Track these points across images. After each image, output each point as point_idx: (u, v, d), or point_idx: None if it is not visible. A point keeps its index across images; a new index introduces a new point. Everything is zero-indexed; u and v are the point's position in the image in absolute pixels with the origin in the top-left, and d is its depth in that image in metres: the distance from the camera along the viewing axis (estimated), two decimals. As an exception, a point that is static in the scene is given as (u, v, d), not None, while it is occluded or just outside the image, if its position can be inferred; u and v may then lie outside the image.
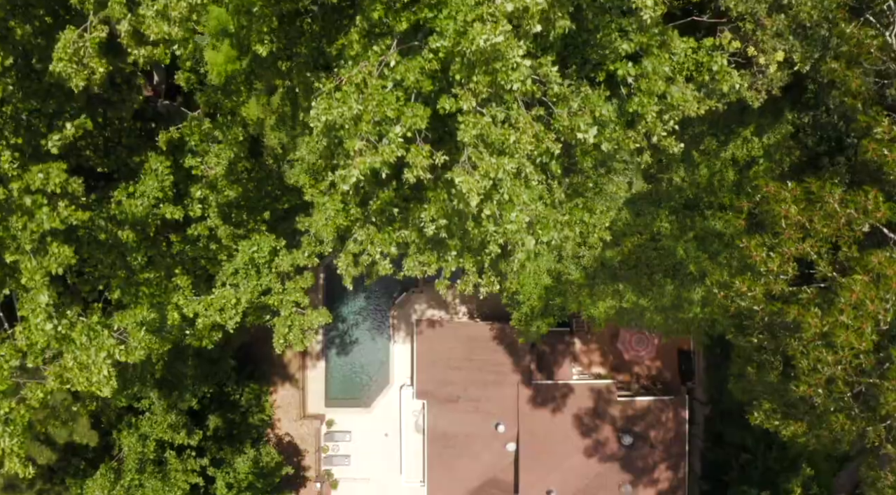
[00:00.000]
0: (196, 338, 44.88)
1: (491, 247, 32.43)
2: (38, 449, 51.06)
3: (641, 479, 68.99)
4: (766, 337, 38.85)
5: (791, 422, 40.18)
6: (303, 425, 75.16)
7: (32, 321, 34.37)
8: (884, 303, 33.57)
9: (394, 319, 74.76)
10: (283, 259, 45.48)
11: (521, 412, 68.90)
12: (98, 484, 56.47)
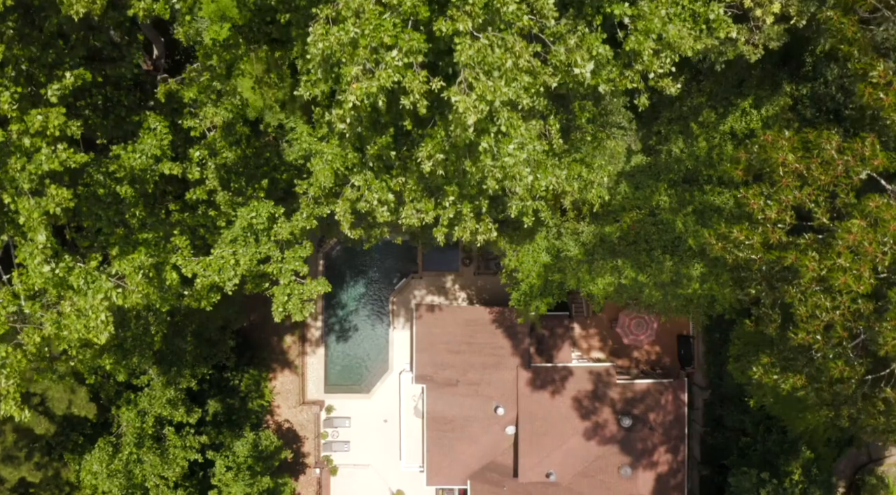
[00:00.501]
0: (195, 298, 44.83)
1: (489, 183, 32.42)
2: (36, 420, 50.99)
3: (641, 461, 68.82)
4: (763, 288, 38.80)
5: (790, 375, 40.06)
6: (302, 411, 75.10)
7: (30, 263, 34.34)
8: (881, 246, 33.58)
9: (393, 305, 74.76)
10: (282, 227, 45.37)
11: (521, 395, 68.78)
12: (96, 458, 56.39)
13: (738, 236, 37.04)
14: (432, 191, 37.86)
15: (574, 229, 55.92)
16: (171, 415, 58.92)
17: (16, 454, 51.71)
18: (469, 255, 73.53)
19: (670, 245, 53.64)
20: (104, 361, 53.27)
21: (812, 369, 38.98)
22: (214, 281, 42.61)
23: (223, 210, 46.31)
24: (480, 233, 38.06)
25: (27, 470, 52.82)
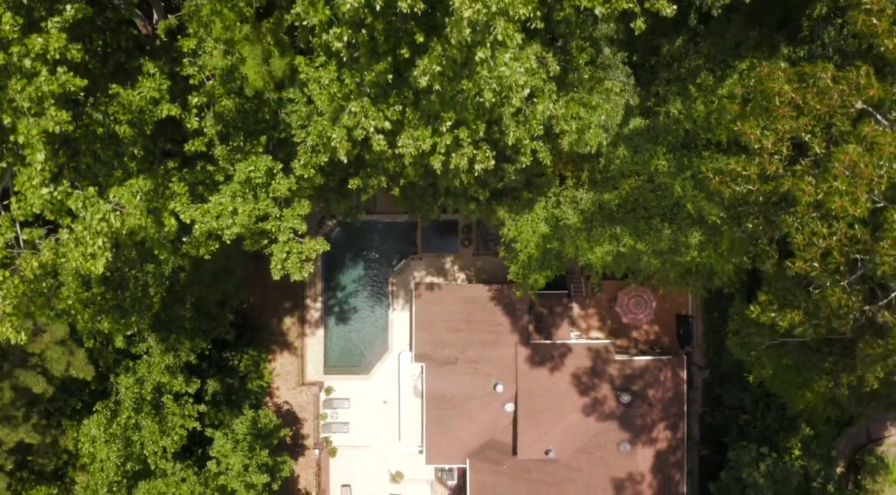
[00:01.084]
0: (193, 246, 44.82)
1: (485, 96, 32.55)
2: (34, 379, 50.92)
3: (640, 438, 68.79)
4: (760, 221, 38.84)
5: (788, 311, 40.05)
6: (301, 392, 75.09)
7: (28, 186, 34.44)
8: (878, 169, 33.68)
9: (393, 287, 74.89)
10: (280, 182, 45.42)
11: (520, 372, 68.82)
12: (94, 422, 56.39)
13: (736, 168, 37.19)
14: (429, 118, 37.96)
15: (573, 197, 56.08)
16: (170, 384, 58.92)
17: (13, 414, 51.58)
18: (469, 236, 73.70)
19: (669, 212, 53.71)
20: (103, 324, 53.39)
21: (810, 304, 38.96)
22: (213, 227, 42.66)
23: (221, 165, 46.39)
24: (478, 161, 38.07)
25: (25, 432, 52.71)
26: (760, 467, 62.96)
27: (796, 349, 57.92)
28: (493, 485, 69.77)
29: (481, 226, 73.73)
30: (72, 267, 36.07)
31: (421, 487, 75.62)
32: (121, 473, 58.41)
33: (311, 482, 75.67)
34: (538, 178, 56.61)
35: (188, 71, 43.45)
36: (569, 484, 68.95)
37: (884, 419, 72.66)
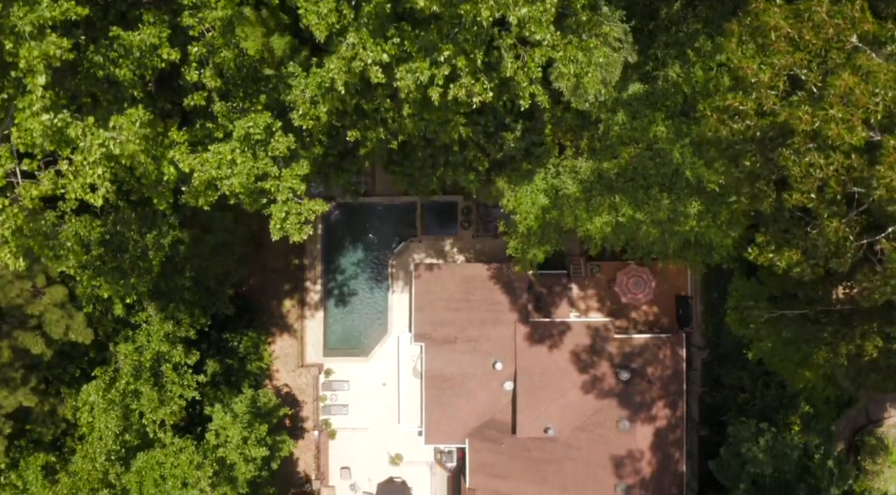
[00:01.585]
0: (192, 195, 44.90)
1: (482, 14, 32.75)
2: (33, 340, 50.92)
3: (639, 415, 68.78)
4: (757, 158, 39.02)
5: (786, 251, 40.20)
6: (301, 375, 75.08)
7: (28, 113, 34.57)
8: (873, 97, 33.89)
9: (392, 269, 75.01)
10: (280, 141, 45.54)
11: (519, 350, 68.88)
12: (93, 387, 56.37)
13: (733, 103, 37.42)
14: (428, 51, 38.16)
15: (572, 167, 56.22)
16: (170, 354, 58.91)
17: (12, 375, 51.53)
18: (468, 218, 73.87)
19: (668, 181, 53.80)
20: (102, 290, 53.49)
21: (808, 243, 39.10)
22: (212, 176, 42.77)
23: (221, 122, 46.62)
24: (476, 92, 38.26)
25: (23, 395, 52.61)
26: (760, 442, 62.86)
27: (795, 321, 58.11)
28: (492, 465, 69.69)
29: (481, 207, 73.96)
30: (72, 198, 36.14)
31: (420, 469, 75.54)
32: (119, 442, 58.38)
33: (311, 464, 75.57)
34: (537, 148, 56.83)
35: (188, 22, 43.66)
36: (568, 462, 68.88)
37: (883, 400, 72.64)
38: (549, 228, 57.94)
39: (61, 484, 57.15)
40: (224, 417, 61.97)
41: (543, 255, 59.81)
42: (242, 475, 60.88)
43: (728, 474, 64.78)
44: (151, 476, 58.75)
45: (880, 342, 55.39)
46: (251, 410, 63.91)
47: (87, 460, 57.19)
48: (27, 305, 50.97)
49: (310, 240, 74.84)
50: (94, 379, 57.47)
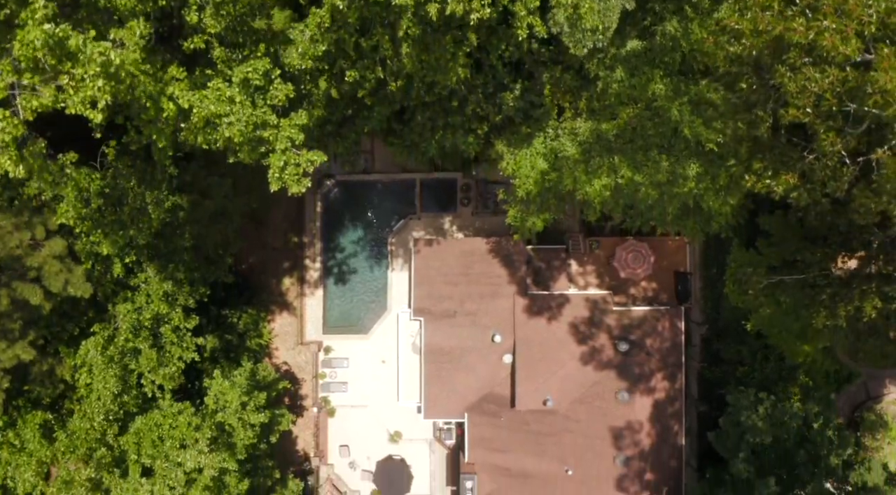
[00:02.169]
0: (191, 132, 45.05)
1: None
2: (31, 290, 51.01)
3: (638, 387, 68.82)
4: (753, 80, 39.30)
5: (783, 175, 40.37)
6: (300, 353, 75.21)
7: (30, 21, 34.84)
8: (867, 9, 34.20)
9: (392, 247, 75.21)
10: (279, 88, 45.85)
11: (517, 322, 68.99)
12: (92, 343, 56.42)
13: (730, 23, 37.75)
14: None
15: (571, 128, 56.42)
16: (169, 316, 58.96)
17: (10, 327, 51.56)
18: (468, 195, 74.09)
19: (667, 142, 53.97)
20: (102, 247, 53.74)
21: (804, 166, 39.30)
22: (211, 112, 43.03)
23: (220, 68, 46.94)
24: (474, 9, 38.55)
25: (22, 349, 52.63)
26: (759, 410, 62.87)
27: (793, 287, 58.30)
28: (490, 438, 69.71)
29: (480, 184, 74.22)
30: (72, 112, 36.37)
31: (419, 447, 75.49)
32: (118, 403, 58.42)
33: (310, 442, 75.57)
34: (536, 110, 57.11)
35: None
36: (567, 435, 68.89)
37: (882, 376, 72.72)
38: (548, 194, 58.04)
39: (59, 443, 57.08)
40: (223, 382, 62.01)
41: (542, 224, 59.94)
42: (241, 441, 60.79)
43: (727, 444, 64.70)
44: (149, 437, 58.75)
45: (879, 303, 55.51)
46: (250, 382, 63.91)
47: (85, 420, 57.14)
48: (26, 257, 51.11)
49: (309, 218, 75.21)
50: (92, 332, 57.37)
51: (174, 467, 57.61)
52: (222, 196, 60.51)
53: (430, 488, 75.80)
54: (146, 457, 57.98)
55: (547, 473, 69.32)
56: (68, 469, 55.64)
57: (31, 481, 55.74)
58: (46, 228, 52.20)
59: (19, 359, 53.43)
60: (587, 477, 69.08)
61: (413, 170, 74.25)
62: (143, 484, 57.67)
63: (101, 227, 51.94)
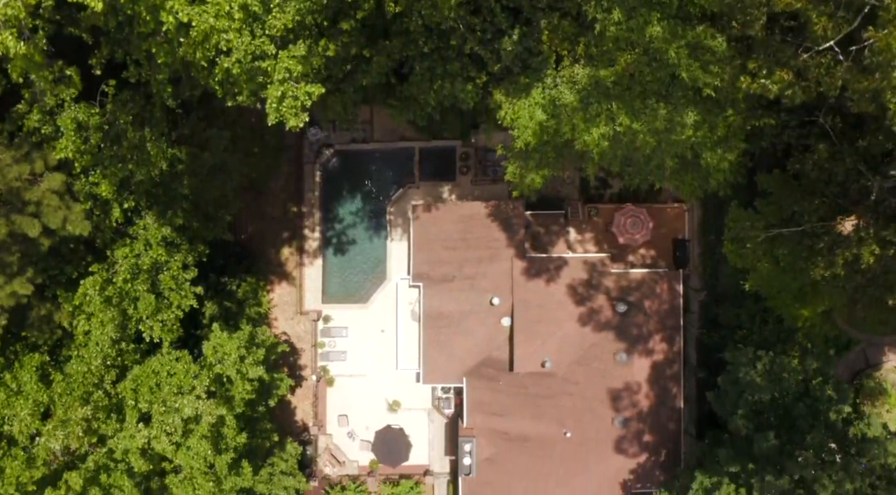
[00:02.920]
0: (191, 47, 45.15)
1: None
2: (29, 223, 50.99)
3: (637, 347, 68.81)
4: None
5: (778, 71, 40.54)
6: (300, 323, 75.30)
7: None
8: None
9: (391, 216, 75.41)
10: (277, 17, 46.07)
11: (516, 284, 69.10)
12: (91, 282, 56.33)
13: None
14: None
15: (570, 76, 56.59)
16: (168, 263, 59.00)
17: (8, 260, 51.53)
18: (467, 164, 74.33)
19: (664, 89, 54.13)
20: (101, 188, 53.93)
21: (799, 62, 39.49)
22: (210, 25, 43.25)
23: None
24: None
25: (20, 284, 52.56)
26: (757, 367, 62.74)
27: (791, 239, 58.49)
28: (489, 402, 69.66)
29: (480, 152, 74.46)
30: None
31: (418, 416, 75.45)
32: (116, 350, 58.40)
33: (309, 413, 75.53)
34: (534, 58, 57.34)
35: None
36: (565, 397, 68.83)
37: (881, 344, 72.68)
38: (546, 147, 58.19)
39: (56, 385, 56.95)
40: (221, 334, 61.98)
41: (541, 180, 59.94)
42: (239, 394, 60.72)
43: (725, 403, 64.56)
44: (147, 384, 58.70)
45: (877, 249, 55.65)
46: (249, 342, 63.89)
47: (83, 363, 57.04)
48: (25, 191, 51.24)
49: (308, 187, 75.47)
50: (91, 272, 57.23)
51: (171, 413, 57.53)
52: (221, 149, 60.68)
53: (429, 457, 75.70)
54: (143, 403, 57.88)
55: (545, 436, 69.21)
56: (65, 410, 55.49)
57: (27, 421, 55.52)
58: (46, 164, 52.35)
59: (17, 296, 53.37)
60: (586, 439, 68.96)
61: (412, 138, 74.61)
62: (141, 429, 57.58)
63: (100, 162, 52.17)
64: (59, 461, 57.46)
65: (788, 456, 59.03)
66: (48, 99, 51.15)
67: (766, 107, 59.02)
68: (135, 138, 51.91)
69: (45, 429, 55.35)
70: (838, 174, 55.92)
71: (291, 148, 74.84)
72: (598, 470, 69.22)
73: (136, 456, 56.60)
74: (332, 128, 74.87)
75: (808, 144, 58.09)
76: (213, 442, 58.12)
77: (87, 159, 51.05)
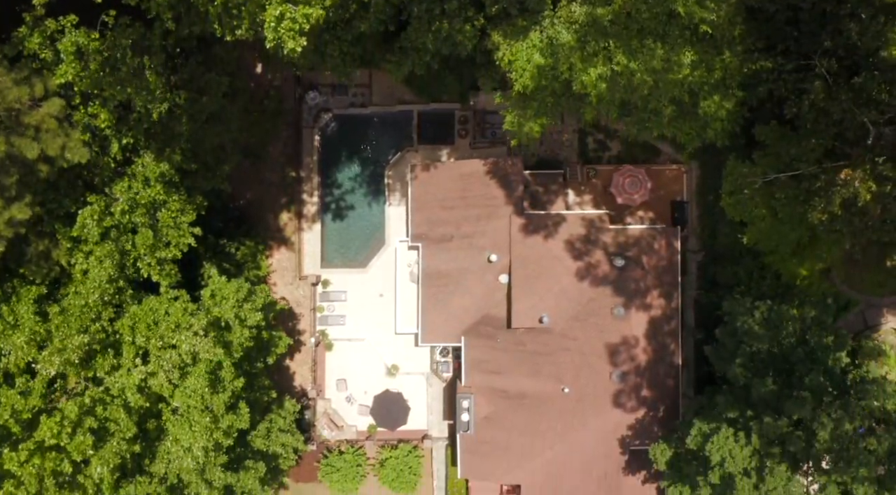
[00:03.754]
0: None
1: None
2: (28, 144, 50.80)
3: (634, 302, 68.75)
4: None
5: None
6: (299, 288, 75.33)
7: None
8: None
9: (389, 179, 75.67)
10: None
11: (514, 240, 69.20)
12: (89, 212, 56.10)
13: None
14: None
15: (567, 16, 56.74)
16: (166, 201, 59.00)
17: (6, 182, 51.40)
18: (465, 127, 74.58)
19: (661, 28, 54.21)
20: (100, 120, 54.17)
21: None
22: None
23: None
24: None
25: (18, 209, 52.42)
26: (755, 315, 62.63)
27: (789, 184, 58.71)
28: (487, 361, 69.57)
29: (478, 115, 74.74)
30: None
31: (417, 380, 75.40)
32: (114, 288, 58.36)
33: (307, 378, 75.39)
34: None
35: None
36: (563, 353, 68.69)
37: (880, 305, 72.64)
38: (544, 93, 58.33)
39: (53, 317, 56.73)
40: (220, 279, 61.98)
41: (539, 129, 60.01)
42: (237, 339, 60.56)
43: (723, 355, 64.41)
44: (144, 321, 58.61)
45: (874, 185, 55.90)
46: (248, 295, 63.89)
47: (80, 298, 56.90)
48: (24, 115, 51.34)
49: (306, 152, 75.76)
50: (89, 203, 56.93)
51: (169, 349, 57.45)
52: (220, 95, 60.93)
53: (428, 422, 75.54)
54: (140, 338, 57.75)
55: (543, 392, 69.00)
56: (62, 340, 55.22)
57: (23, 350, 55.13)
58: (46, 89, 52.48)
59: (15, 225, 53.28)
60: (584, 394, 68.74)
61: (411, 102, 74.92)
62: (138, 364, 57.49)
63: (99, 86, 52.43)
64: (56, 395, 57.12)
65: (787, 398, 58.82)
66: (49, 22, 51.51)
67: (762, 50, 59.46)
68: (134, 64, 52.21)
69: (41, 357, 55.04)
70: (834, 113, 56.14)
71: (290, 112, 75.17)
72: (596, 426, 68.94)
73: (132, 392, 56.44)
74: (331, 93, 75.28)
75: (805, 88, 58.24)
76: (210, 383, 57.93)
77: (87, 83, 51.33)
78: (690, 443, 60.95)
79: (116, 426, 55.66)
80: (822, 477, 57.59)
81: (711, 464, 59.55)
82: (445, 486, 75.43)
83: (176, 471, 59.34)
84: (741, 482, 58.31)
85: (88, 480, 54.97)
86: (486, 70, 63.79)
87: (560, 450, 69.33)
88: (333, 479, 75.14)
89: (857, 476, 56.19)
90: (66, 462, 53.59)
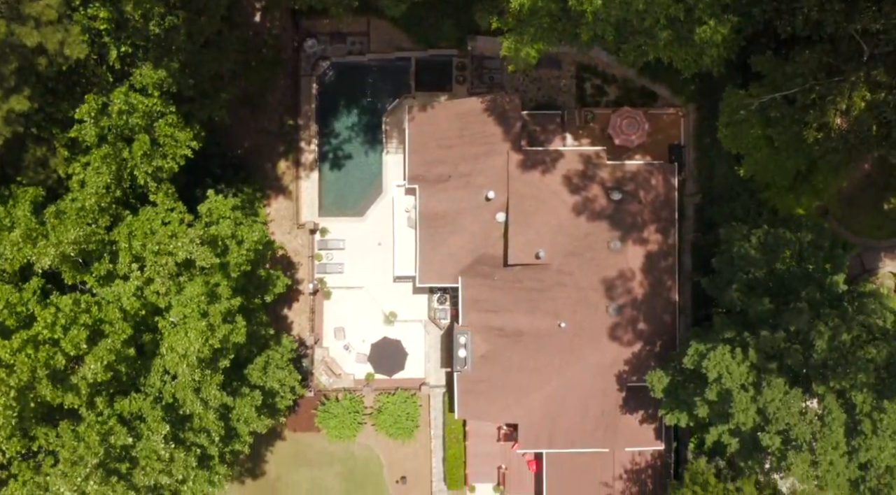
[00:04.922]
0: None
1: None
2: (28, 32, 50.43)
3: (631, 235, 68.53)
4: None
5: None
6: (297, 237, 75.25)
7: None
8: None
9: (386, 127, 75.74)
10: None
11: (511, 177, 69.16)
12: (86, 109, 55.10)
13: None
14: None
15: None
16: (164, 113, 59.03)
17: (5, 70, 51.37)
18: (463, 73, 74.81)
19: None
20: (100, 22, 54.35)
21: None
22: None
23: None
24: None
25: (17, 101, 52.36)
26: (752, 240, 62.40)
27: (783, 106, 58.90)
28: (484, 300, 69.31)
29: (476, 61, 75.00)
30: None
31: (414, 327, 75.09)
32: (111, 196, 58.29)
33: (306, 326, 75.05)
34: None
35: None
36: (559, 289, 68.44)
37: (877, 249, 72.39)
38: (541, 14, 58.38)
39: (49, 219, 56.46)
40: (217, 197, 61.72)
41: (536, 54, 59.97)
42: (234, 260, 60.25)
43: (720, 285, 64.09)
44: (141, 230, 58.43)
45: (868, 94, 56.04)
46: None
47: (77, 203, 56.68)
48: (24, 5, 51.42)
49: (304, 100, 75.91)
50: (85, 101, 56.72)
51: (165, 255, 57.23)
52: (219, 17, 61.20)
53: (425, 370, 75.16)
54: (137, 244, 57.52)
55: (540, 329, 68.65)
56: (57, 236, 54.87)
57: (18, 243, 54.56)
58: (45, -19, 52.71)
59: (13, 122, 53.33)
60: (581, 328, 68.38)
61: (408, 48, 75.17)
62: (134, 269, 57.27)
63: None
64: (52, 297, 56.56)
65: (784, 312, 58.50)
66: None
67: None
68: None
69: (34, 250, 54.55)
70: (828, 25, 56.23)
71: (288, 61, 75.37)
72: (594, 361, 68.51)
73: (127, 298, 56.21)
74: (330, 41, 75.63)
75: (799, 6, 58.40)
76: (207, 294, 57.66)
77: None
78: (687, 363, 60.35)
79: (111, 327, 55.30)
80: (821, 386, 56.93)
81: (709, 381, 58.92)
82: (443, 433, 74.72)
83: (171, 391, 58.85)
84: (738, 395, 57.64)
85: (83, 381, 54.47)
86: (482, 2, 63.98)
87: (557, 387, 68.87)
88: (331, 426, 74.56)
89: (856, 382, 55.54)
90: (59, 355, 53.11)
